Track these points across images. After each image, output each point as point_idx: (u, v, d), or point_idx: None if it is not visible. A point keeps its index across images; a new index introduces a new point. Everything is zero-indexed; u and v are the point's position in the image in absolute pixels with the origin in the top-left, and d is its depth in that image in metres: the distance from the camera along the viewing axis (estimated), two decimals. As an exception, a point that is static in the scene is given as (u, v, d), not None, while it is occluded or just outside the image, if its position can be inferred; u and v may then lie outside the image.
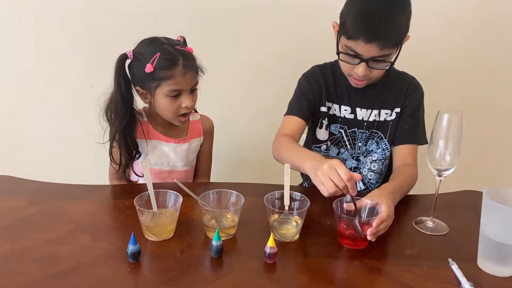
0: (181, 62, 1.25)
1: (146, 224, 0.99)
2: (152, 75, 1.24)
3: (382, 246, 1.01)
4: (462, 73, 1.88)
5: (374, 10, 1.13)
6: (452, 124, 1.01)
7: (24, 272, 0.88)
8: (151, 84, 1.26)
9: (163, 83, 1.25)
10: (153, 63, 1.22)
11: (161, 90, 1.26)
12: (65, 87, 1.87)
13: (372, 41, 1.13)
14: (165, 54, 1.24)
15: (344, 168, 0.99)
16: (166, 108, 1.29)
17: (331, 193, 1.00)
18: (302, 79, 1.40)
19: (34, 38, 1.78)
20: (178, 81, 1.25)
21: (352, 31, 1.15)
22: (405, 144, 1.34)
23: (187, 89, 1.28)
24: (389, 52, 1.17)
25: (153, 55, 1.23)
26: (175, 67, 1.24)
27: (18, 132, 1.92)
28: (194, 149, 1.45)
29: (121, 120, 1.29)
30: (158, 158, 1.39)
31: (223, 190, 1.07)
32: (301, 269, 0.93)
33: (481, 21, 1.81)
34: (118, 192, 1.27)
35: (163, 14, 1.77)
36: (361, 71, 1.19)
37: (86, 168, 1.79)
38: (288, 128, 1.33)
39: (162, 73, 1.24)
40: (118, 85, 1.28)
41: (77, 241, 0.99)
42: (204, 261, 0.94)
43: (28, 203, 1.14)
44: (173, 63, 1.24)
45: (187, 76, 1.26)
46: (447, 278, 0.90)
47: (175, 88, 1.26)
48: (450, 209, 1.18)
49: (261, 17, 1.80)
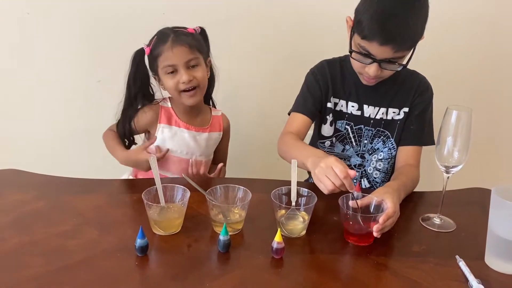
0: (170, 39, 1.30)
1: (153, 218, 1.00)
2: (152, 56, 1.33)
3: (389, 242, 1.01)
4: (471, 70, 1.88)
5: (391, 12, 1.10)
6: (461, 121, 1.01)
7: (32, 265, 0.88)
8: (154, 65, 1.34)
9: (159, 61, 1.31)
10: (150, 45, 1.32)
11: (161, 69, 1.32)
12: (72, 81, 1.87)
13: (387, 43, 1.11)
14: (158, 35, 1.33)
15: (340, 166, 0.98)
16: (168, 86, 1.34)
17: (330, 191, 1.00)
18: (309, 75, 1.39)
19: (43, 33, 1.78)
20: (168, 56, 1.30)
21: (367, 32, 1.13)
22: (410, 145, 1.33)
23: (181, 63, 1.30)
24: (402, 54, 1.16)
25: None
26: (164, 44, 1.30)
27: (25, 126, 1.93)
28: (213, 141, 1.48)
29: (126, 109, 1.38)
30: (178, 145, 1.41)
31: (230, 185, 1.07)
32: (308, 265, 0.93)
33: (491, 19, 1.80)
34: (126, 187, 1.27)
35: (170, 9, 1.76)
36: (372, 71, 1.18)
37: (93, 162, 1.80)
38: (294, 125, 1.33)
39: (155, 51, 1.31)
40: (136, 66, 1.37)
41: (84, 234, 0.99)
42: (211, 256, 0.94)
43: (35, 196, 1.14)
44: (162, 40, 1.31)
45: (175, 50, 1.29)
46: (455, 275, 0.90)
47: (167, 63, 1.30)
48: (458, 206, 1.17)
49: (269, 13, 1.80)
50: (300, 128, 1.33)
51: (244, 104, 1.93)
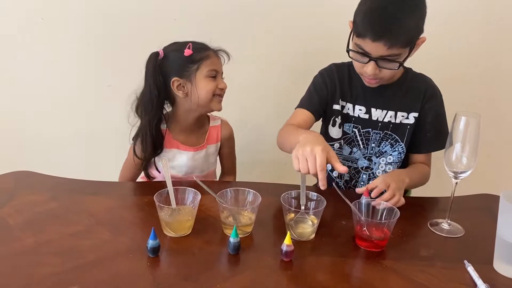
0: (211, 48, 1.36)
1: (165, 219, 1.01)
2: (191, 58, 1.32)
3: (397, 246, 1.02)
4: (480, 75, 1.87)
5: (383, 8, 1.14)
6: (469, 127, 1.02)
7: (47, 264, 0.90)
8: (191, 68, 1.32)
9: (203, 64, 1.32)
10: (190, 48, 1.32)
11: (201, 72, 1.32)
12: (83, 84, 1.90)
13: (378, 39, 1.14)
14: (195, 43, 1.34)
15: (323, 157, 0.99)
16: (207, 89, 1.33)
17: (301, 172, 1.01)
18: (317, 76, 1.42)
19: (56, 38, 1.82)
20: (214, 62, 1.34)
21: (361, 29, 1.16)
22: (427, 153, 1.37)
23: (220, 71, 1.37)
24: (398, 52, 1.17)
25: (185, 45, 1.32)
26: (209, 50, 1.35)
27: (38, 128, 1.96)
28: (211, 154, 1.47)
29: (154, 116, 1.34)
30: (176, 166, 1.40)
31: (240, 189, 1.08)
32: (317, 268, 0.94)
33: (499, 22, 1.80)
34: (137, 189, 1.29)
35: (181, 15, 1.79)
36: (369, 69, 1.20)
37: (104, 165, 1.82)
38: (295, 119, 1.35)
39: (200, 54, 1.32)
40: (154, 80, 1.32)
41: (97, 235, 1.01)
42: (221, 258, 0.95)
43: (49, 198, 1.16)
44: (205, 47, 1.35)
45: (219, 58, 1.37)
46: (463, 279, 0.91)
47: (213, 67, 1.33)
48: (466, 212, 1.18)
49: (277, 16, 1.82)
50: (301, 122, 1.33)
51: (253, 107, 1.95)
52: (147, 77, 1.33)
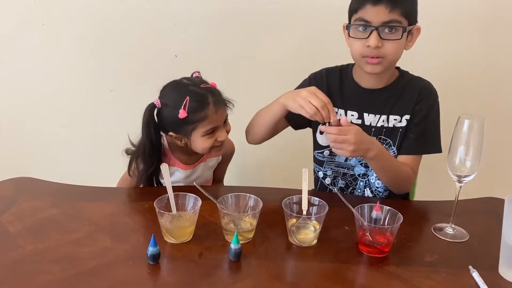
0: (211, 101, 1.24)
1: (165, 226, 1.00)
2: (186, 119, 1.23)
3: (401, 252, 1.00)
4: (482, 77, 1.86)
5: None
6: (473, 130, 1.00)
7: (47, 272, 0.89)
8: (187, 129, 1.25)
9: (199, 125, 1.24)
10: (185, 107, 1.21)
11: (197, 132, 1.25)
12: (85, 90, 1.90)
13: (379, 2, 1.15)
14: (194, 96, 1.23)
15: (322, 93, 1.06)
16: (203, 146, 1.28)
17: (312, 115, 1.07)
18: (305, 80, 1.39)
19: (57, 44, 1.82)
20: (212, 120, 1.25)
21: (359, 1, 1.18)
22: (408, 155, 1.30)
23: (221, 123, 1.29)
24: (399, 19, 1.16)
25: (182, 99, 1.22)
26: (207, 107, 1.24)
27: (39, 134, 1.96)
28: (210, 167, 1.45)
29: (149, 167, 1.29)
30: (175, 181, 1.37)
31: (241, 194, 1.08)
32: (320, 274, 0.93)
33: (501, 23, 1.79)
34: (138, 195, 1.28)
35: (181, 19, 1.79)
36: (372, 41, 1.17)
37: (106, 170, 1.82)
38: None
39: (196, 116, 1.23)
40: (148, 134, 1.27)
41: (97, 242, 1.00)
42: (222, 264, 0.94)
43: (49, 204, 1.16)
44: (203, 103, 1.23)
45: (219, 112, 1.26)
46: (468, 285, 0.89)
47: (210, 127, 1.25)
48: (471, 216, 1.16)
49: (279, 21, 1.81)
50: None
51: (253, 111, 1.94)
52: (144, 129, 1.28)
